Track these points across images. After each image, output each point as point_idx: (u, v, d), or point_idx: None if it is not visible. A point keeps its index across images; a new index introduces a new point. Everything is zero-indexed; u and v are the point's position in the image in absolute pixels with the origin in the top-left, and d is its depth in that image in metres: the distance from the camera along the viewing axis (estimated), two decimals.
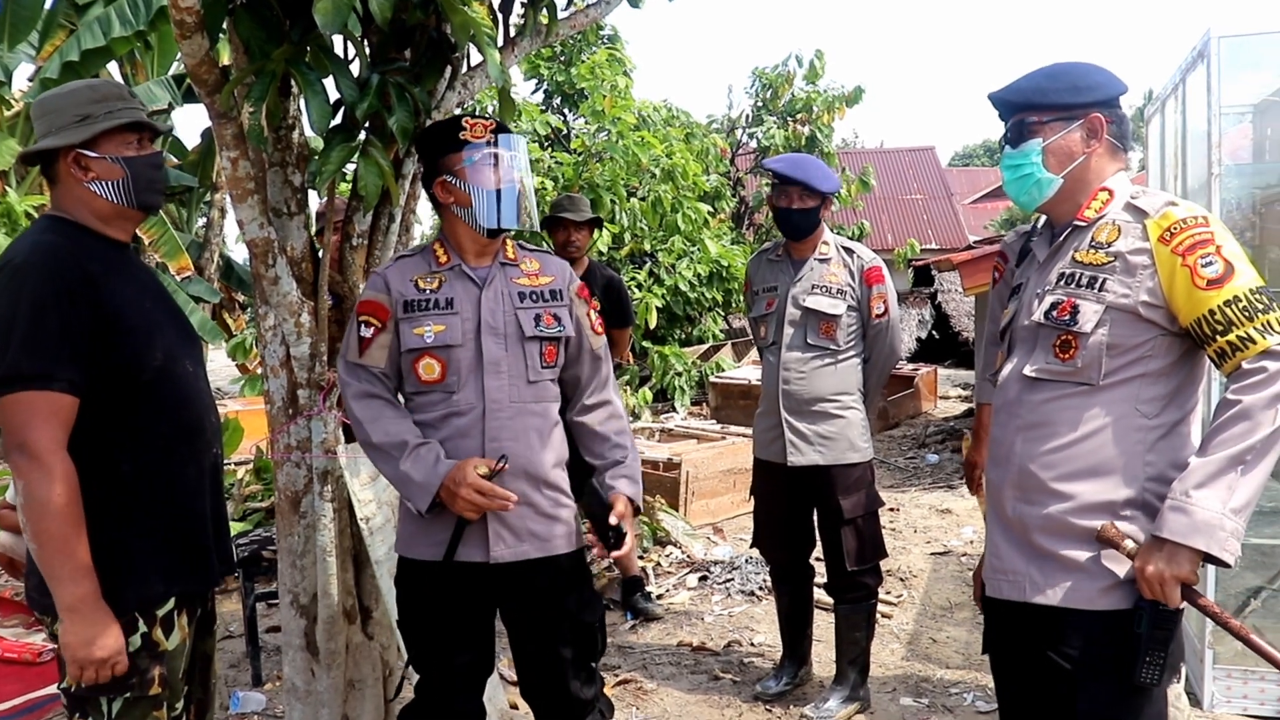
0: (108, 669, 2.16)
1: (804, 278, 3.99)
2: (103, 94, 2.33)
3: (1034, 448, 2.20)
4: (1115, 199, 2.22)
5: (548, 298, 2.76)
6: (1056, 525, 2.16)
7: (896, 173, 30.30)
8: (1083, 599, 2.12)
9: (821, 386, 3.95)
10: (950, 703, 4.17)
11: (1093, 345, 2.12)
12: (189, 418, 2.38)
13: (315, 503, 3.18)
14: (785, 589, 4.26)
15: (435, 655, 2.74)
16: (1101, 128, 2.24)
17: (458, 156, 2.65)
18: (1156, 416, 2.12)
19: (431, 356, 2.63)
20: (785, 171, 3.92)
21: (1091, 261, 2.17)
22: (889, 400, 11.84)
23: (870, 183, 15.87)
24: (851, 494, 3.97)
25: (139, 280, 2.37)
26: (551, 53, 14.09)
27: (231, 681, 4.50)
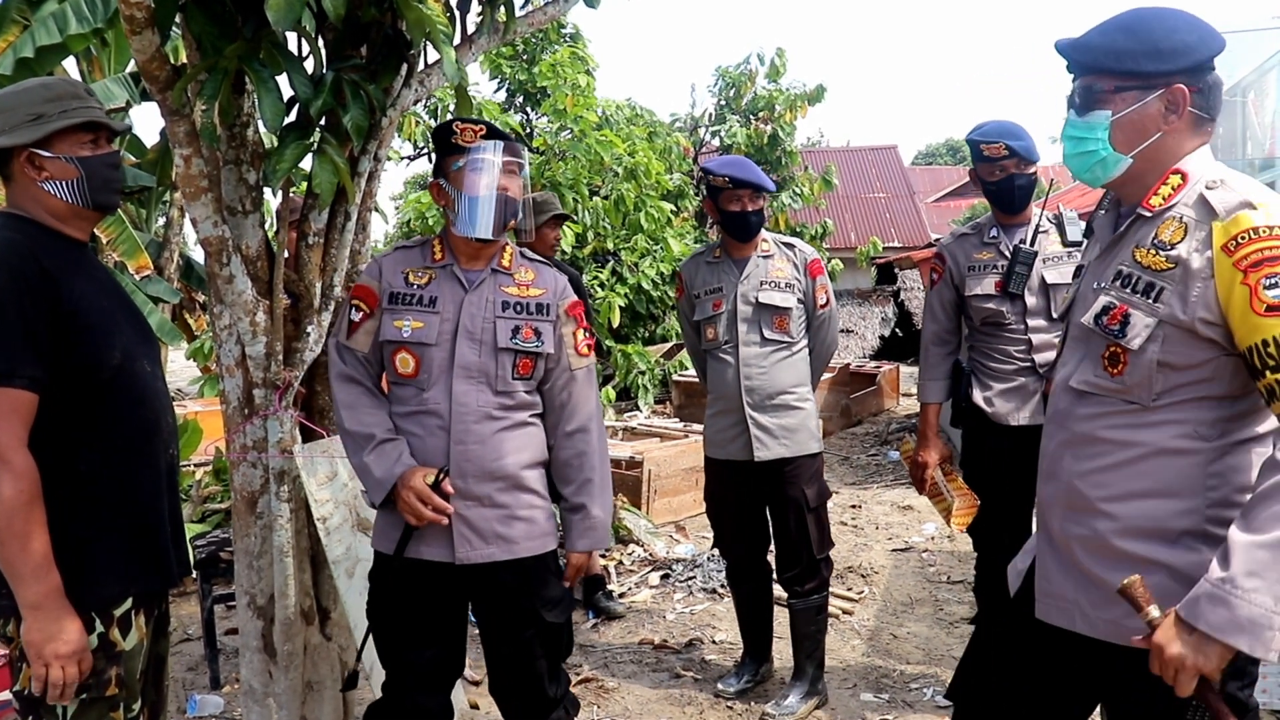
0: (73, 665, 2.15)
1: (751, 275, 4.01)
2: (57, 92, 2.29)
3: (1083, 465, 1.97)
4: (1189, 185, 1.89)
5: (532, 310, 2.76)
6: (1103, 547, 1.93)
7: (860, 171, 30.44)
8: (1129, 634, 1.85)
9: (782, 379, 3.97)
10: (910, 698, 4.19)
11: (1143, 363, 1.86)
12: (146, 417, 2.36)
13: (272, 503, 3.15)
14: (745, 587, 4.27)
15: (401, 651, 2.75)
16: (1185, 101, 1.90)
17: (451, 160, 2.70)
18: (1219, 439, 1.85)
19: (406, 351, 2.69)
20: (739, 175, 3.89)
21: (1151, 264, 1.87)
22: (852, 398, 11.91)
23: (833, 181, 15.94)
24: (814, 483, 4.02)
25: (97, 279, 2.34)
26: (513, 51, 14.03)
27: (189, 685, 4.45)
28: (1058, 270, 3.72)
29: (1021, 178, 3.75)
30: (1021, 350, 3.74)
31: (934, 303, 4.01)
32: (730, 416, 4.02)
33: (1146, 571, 1.85)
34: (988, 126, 3.77)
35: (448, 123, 2.72)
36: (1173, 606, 1.75)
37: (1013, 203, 3.80)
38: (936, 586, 5.71)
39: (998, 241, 3.84)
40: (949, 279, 3.94)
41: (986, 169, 3.79)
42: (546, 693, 2.82)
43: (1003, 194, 3.79)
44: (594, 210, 11.46)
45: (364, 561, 3.28)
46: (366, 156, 3.18)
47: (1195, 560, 1.82)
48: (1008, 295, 3.74)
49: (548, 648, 2.80)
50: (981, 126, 3.79)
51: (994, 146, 3.70)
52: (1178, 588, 1.81)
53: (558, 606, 2.81)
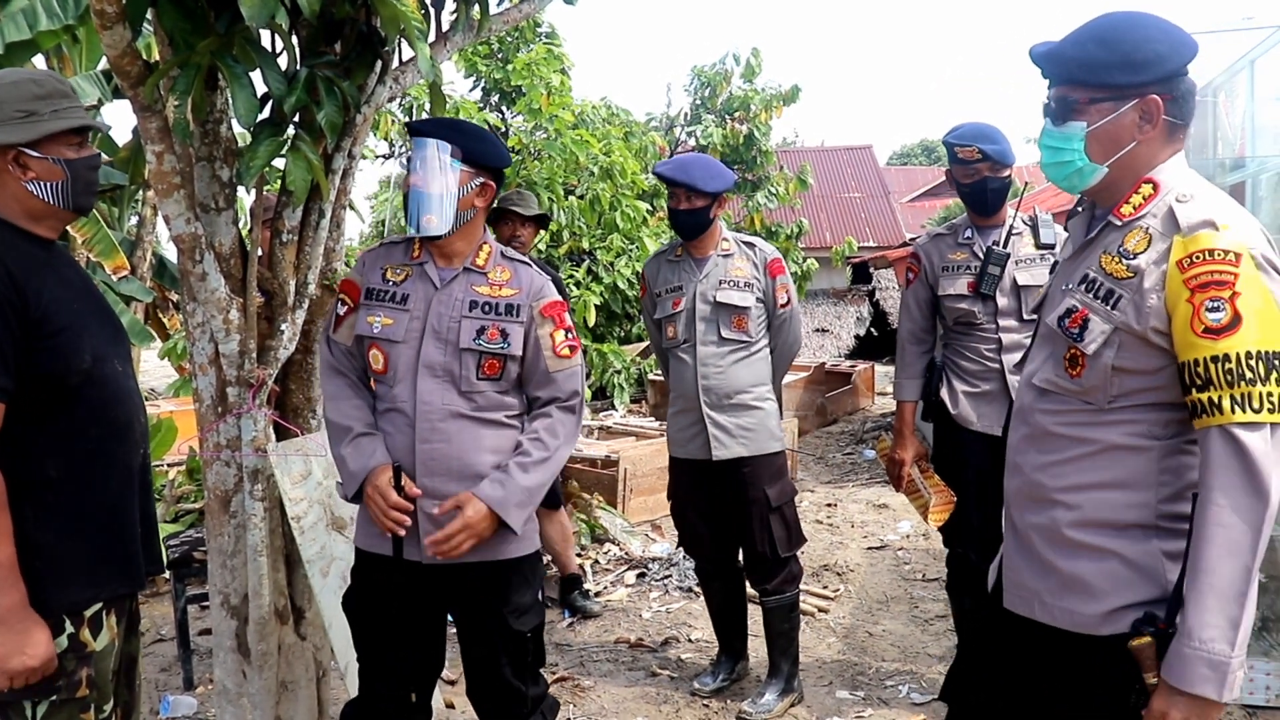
0: (38, 676, 2.12)
1: (710, 274, 4.02)
2: (48, 90, 2.24)
3: (1042, 458, 2.01)
4: (1159, 195, 1.91)
5: (501, 311, 2.73)
6: (1059, 537, 1.97)
7: (835, 171, 30.57)
8: (1084, 623, 1.93)
9: (739, 379, 3.98)
10: (886, 695, 4.21)
11: (1099, 367, 1.89)
12: (118, 418, 2.33)
13: (246, 502, 3.13)
14: (716, 586, 4.27)
15: (379, 650, 2.75)
16: (1159, 110, 1.91)
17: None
18: (1171, 438, 1.88)
19: (377, 348, 2.73)
20: (669, 174, 3.94)
21: (1113, 271, 1.90)
22: (827, 397, 11.94)
23: (808, 181, 15.95)
24: (775, 482, 4.03)
25: (66, 278, 2.30)
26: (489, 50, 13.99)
27: (163, 685, 4.42)
28: (1029, 272, 3.75)
29: (995, 180, 3.77)
30: (992, 349, 3.77)
31: (909, 301, 4.04)
32: (689, 415, 4.03)
33: (1099, 559, 1.92)
34: (963, 129, 3.79)
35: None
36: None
37: (986, 205, 3.83)
38: (911, 584, 5.74)
39: (972, 242, 3.87)
40: (924, 278, 3.97)
41: (961, 171, 3.81)
42: (519, 696, 2.81)
43: (976, 196, 3.82)
44: (569, 209, 11.43)
45: (339, 560, 3.27)
46: (341, 153, 3.16)
47: (1144, 549, 1.88)
48: (980, 296, 3.77)
49: (513, 655, 2.77)
50: (957, 129, 3.81)
51: (968, 150, 3.72)
52: (1129, 574, 1.89)
53: (526, 614, 2.78)
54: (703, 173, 3.94)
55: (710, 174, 3.95)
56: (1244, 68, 4.41)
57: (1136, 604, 1.87)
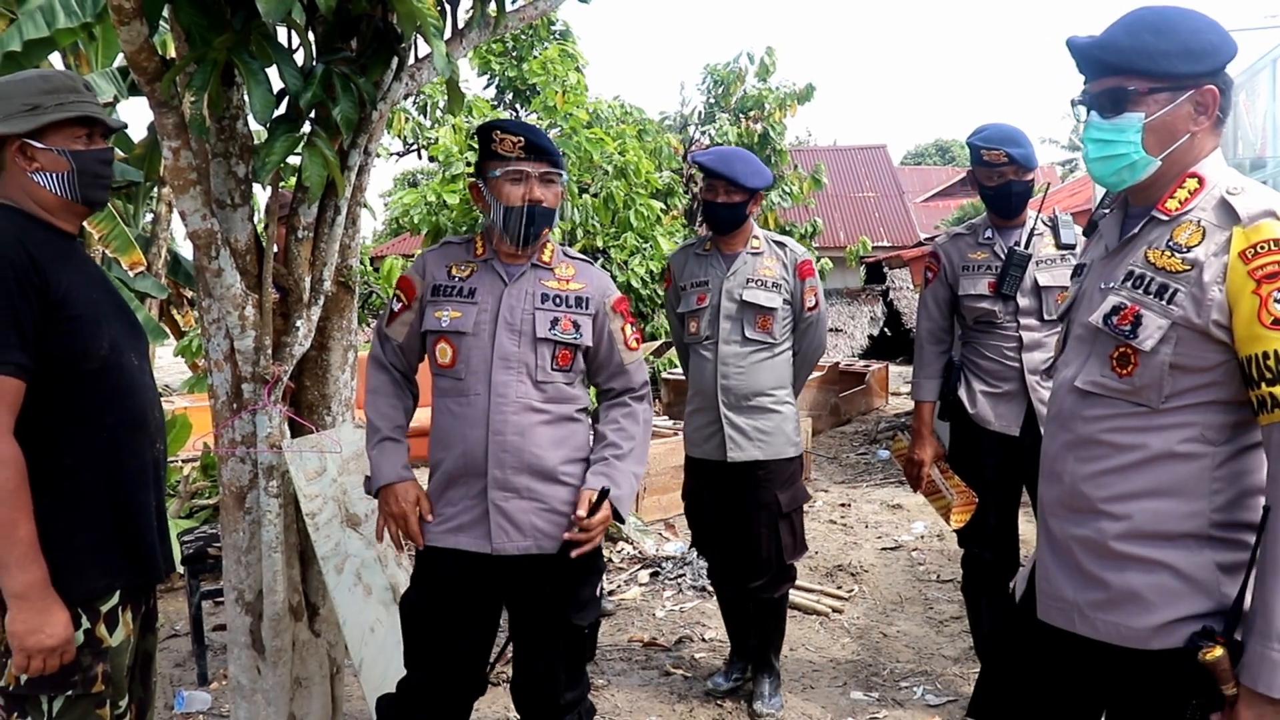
0: (55, 658, 2.13)
1: (738, 271, 3.96)
2: (55, 84, 2.29)
3: (1086, 467, 1.94)
4: (1205, 189, 1.87)
5: (572, 304, 2.81)
6: (1104, 549, 1.90)
7: (849, 171, 30.54)
8: (1134, 637, 1.87)
9: (760, 381, 3.92)
10: (900, 697, 4.19)
11: (1154, 364, 1.83)
12: (133, 410, 2.34)
13: (260, 498, 3.14)
14: (729, 587, 4.21)
15: (437, 646, 2.74)
16: (1215, 102, 1.88)
17: (490, 165, 2.76)
18: (1226, 443, 1.83)
19: (445, 341, 2.75)
20: (712, 166, 3.86)
21: (1165, 266, 1.84)
22: (841, 396, 11.92)
23: (822, 180, 15.92)
24: (787, 488, 3.97)
25: (85, 271, 2.33)
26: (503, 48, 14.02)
27: (177, 681, 4.43)
28: (1050, 273, 3.72)
29: (1019, 184, 3.74)
30: (1012, 348, 3.73)
31: (928, 301, 4.01)
32: (706, 415, 3.98)
33: (1148, 571, 1.85)
34: (989, 131, 3.76)
35: (489, 125, 2.75)
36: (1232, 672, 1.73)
37: (1009, 208, 3.79)
38: (926, 585, 5.71)
39: (992, 243, 3.84)
40: (943, 277, 3.93)
41: (985, 173, 3.77)
42: (562, 695, 2.82)
43: (999, 199, 3.79)
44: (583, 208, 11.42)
45: (353, 557, 3.27)
46: (356, 150, 3.16)
47: (1197, 561, 1.82)
48: (1000, 296, 3.74)
49: (570, 651, 2.80)
50: (983, 130, 3.77)
51: (994, 153, 3.68)
52: (1182, 587, 1.82)
53: (586, 609, 2.80)
54: (745, 167, 3.87)
55: (752, 169, 3.89)
56: (1265, 66, 4.38)
57: (1190, 617, 1.81)
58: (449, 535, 2.71)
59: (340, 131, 2.95)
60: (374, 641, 3.24)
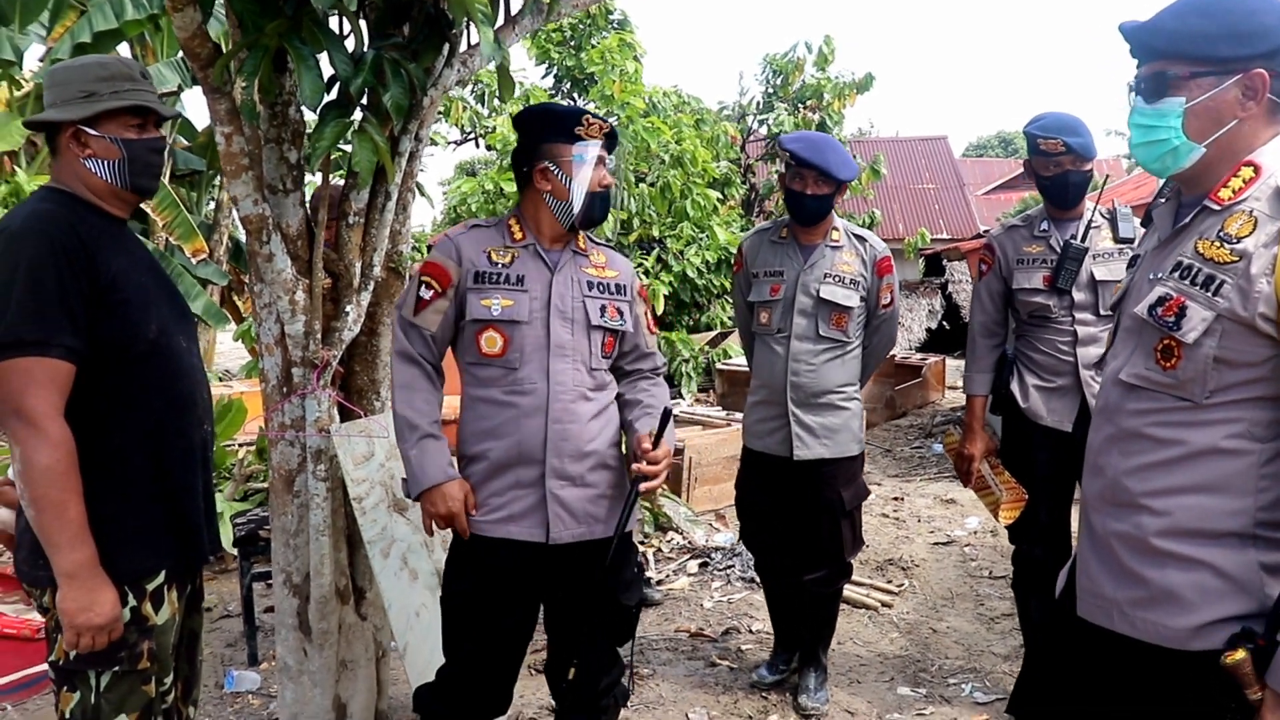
0: (104, 635, 2.16)
1: (816, 265, 3.83)
2: (111, 72, 2.31)
3: (1129, 461, 1.88)
4: (1262, 178, 1.78)
5: (613, 290, 2.82)
6: (1144, 545, 1.84)
7: (909, 162, 30.21)
8: (1173, 637, 1.80)
9: (830, 379, 3.83)
10: (948, 693, 4.14)
11: (1198, 357, 1.77)
12: (181, 392, 2.37)
13: (309, 482, 3.17)
14: (776, 580, 4.17)
15: (481, 632, 2.73)
16: (1264, 87, 1.78)
17: (567, 149, 2.70)
18: (1274, 440, 1.75)
19: (495, 330, 2.67)
20: (803, 154, 3.69)
21: (1214, 256, 1.77)
22: (896, 390, 11.80)
23: (881, 171, 15.80)
24: (850, 485, 3.91)
25: (135, 255, 2.35)
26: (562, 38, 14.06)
27: (228, 661, 4.49)
28: (1107, 267, 3.62)
29: (1077, 174, 3.64)
30: (1067, 343, 3.65)
31: (982, 294, 3.93)
32: (772, 409, 3.89)
33: (1189, 570, 1.79)
34: (1046, 120, 3.67)
35: (565, 110, 2.74)
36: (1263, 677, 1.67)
37: (1066, 199, 3.70)
38: (978, 581, 5.64)
39: (1048, 235, 3.74)
40: (998, 270, 3.85)
41: (1042, 163, 3.68)
42: (601, 678, 2.83)
43: (1056, 189, 3.69)
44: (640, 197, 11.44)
45: (399, 542, 3.29)
46: (407, 136, 3.17)
47: (1240, 560, 1.76)
48: (1055, 290, 3.65)
49: (617, 630, 2.82)
50: (1040, 119, 3.69)
51: (1051, 142, 3.59)
52: (1223, 586, 1.76)
53: (630, 588, 2.81)
54: (836, 157, 3.71)
55: (842, 159, 3.74)
56: None
57: (1231, 618, 1.74)
58: (499, 525, 2.67)
59: (391, 118, 2.96)
60: (419, 626, 3.26)
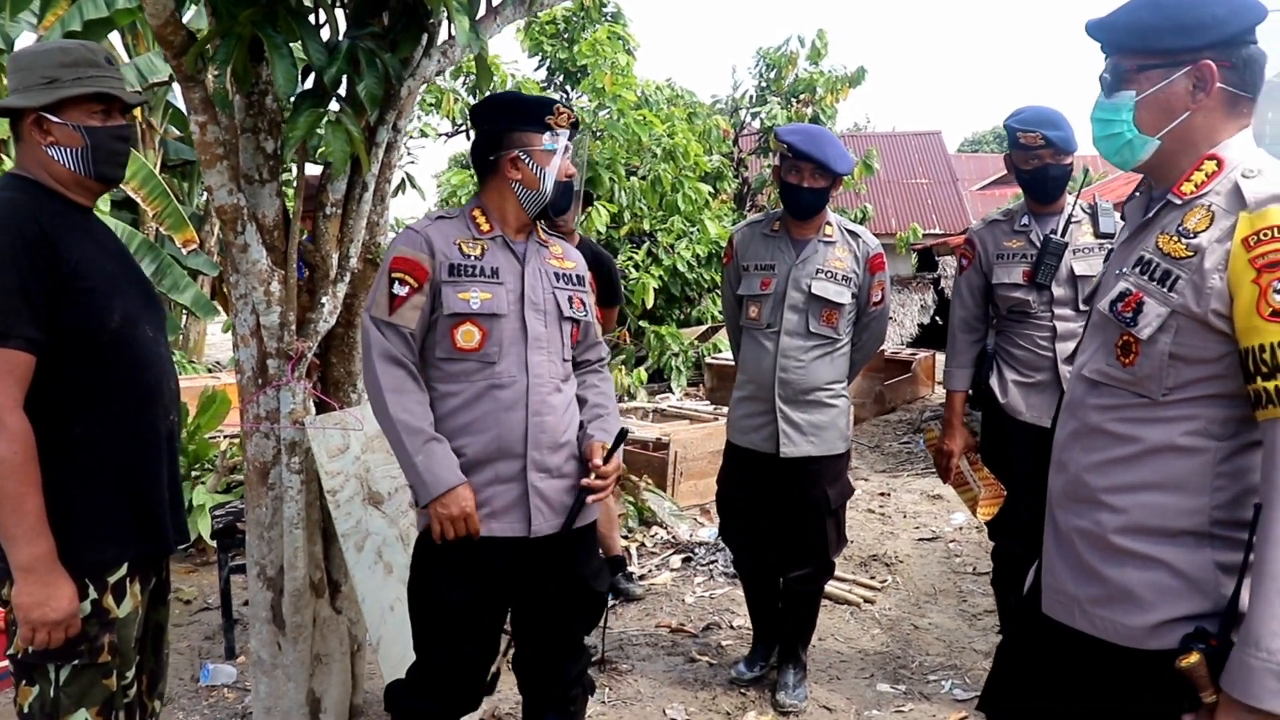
0: (60, 631, 2.14)
1: (808, 260, 3.79)
2: (74, 58, 2.28)
3: (1090, 456, 1.88)
4: (1224, 172, 1.77)
5: (575, 281, 2.83)
6: (1103, 542, 1.84)
7: (902, 157, 30.20)
8: (1130, 636, 1.80)
9: (819, 376, 3.80)
10: (928, 690, 4.13)
11: (1154, 354, 1.76)
12: (147, 382, 2.35)
13: (283, 474, 3.15)
14: (755, 576, 4.15)
15: (456, 629, 2.68)
16: (1212, 77, 1.78)
17: (538, 138, 2.68)
18: (1229, 438, 1.74)
19: (473, 324, 2.62)
20: (801, 146, 3.65)
21: (1171, 251, 1.76)
22: (886, 385, 11.79)
23: (874, 166, 15.78)
24: (836, 483, 3.89)
25: (100, 243, 2.33)
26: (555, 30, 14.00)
27: (206, 654, 4.47)
28: (1087, 262, 3.61)
29: (1056, 168, 3.64)
30: (1046, 338, 3.64)
31: (962, 288, 3.92)
32: (759, 404, 3.86)
33: (1146, 568, 1.79)
34: (1026, 113, 3.67)
35: (535, 99, 2.73)
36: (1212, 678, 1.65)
37: (1046, 192, 3.70)
38: (961, 577, 5.63)
39: (1028, 230, 3.74)
40: (978, 265, 3.85)
41: (1022, 156, 3.68)
42: (570, 667, 2.84)
43: (1036, 183, 3.69)
44: (631, 190, 11.41)
45: (374, 535, 3.27)
46: (385, 126, 3.15)
47: (1196, 559, 1.75)
48: (1035, 285, 3.65)
49: (589, 618, 2.87)
50: (1020, 113, 3.68)
51: (1030, 135, 3.59)
52: (1179, 585, 1.76)
53: (599, 575, 2.85)
54: (834, 150, 3.68)
55: (839, 153, 3.70)
56: None
57: (1186, 618, 1.74)
58: (482, 523, 2.61)
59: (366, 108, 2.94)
60: (393, 620, 3.24)
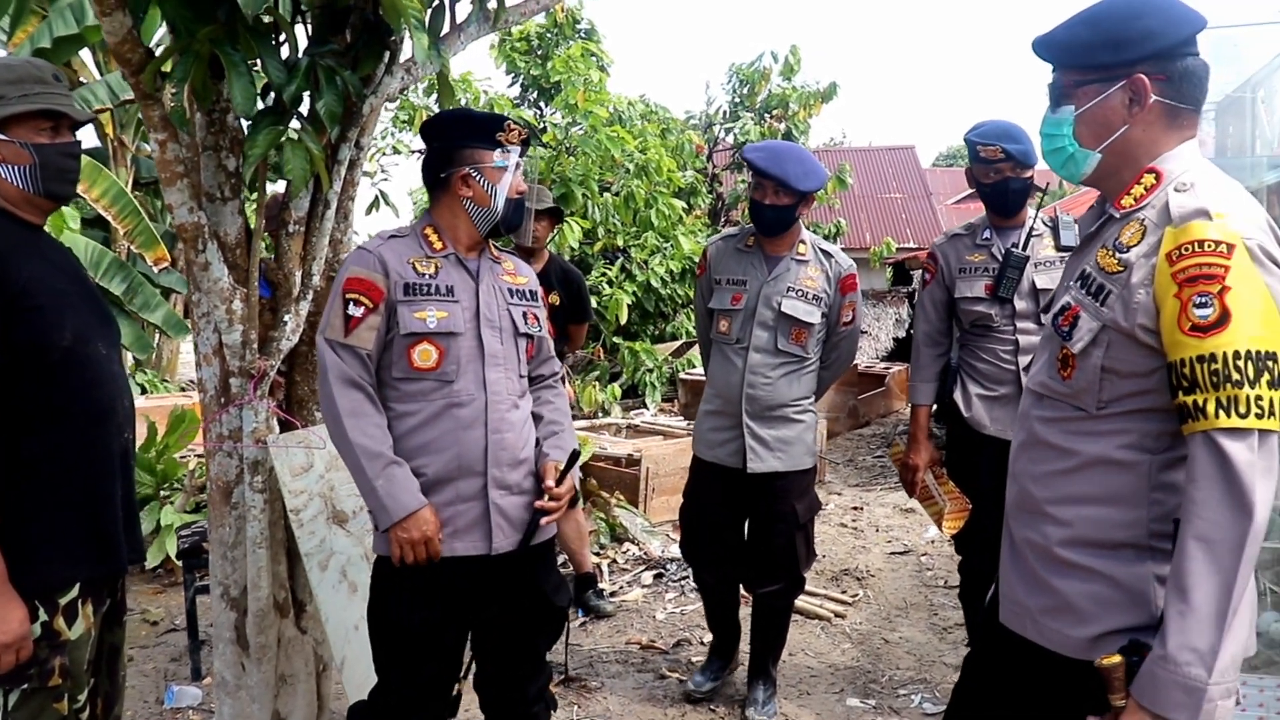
0: (11, 654, 2.11)
1: (779, 277, 3.80)
2: (19, 75, 2.26)
3: (1035, 468, 1.91)
4: (1162, 185, 1.79)
5: (528, 297, 2.83)
6: (1050, 554, 1.87)
7: (876, 172, 30.32)
8: (1073, 646, 1.82)
9: (786, 393, 3.80)
10: (898, 704, 4.13)
11: (1088, 368, 1.79)
12: (99, 400, 2.32)
13: (246, 493, 3.12)
14: (720, 592, 4.15)
15: (420, 651, 2.65)
16: (1146, 91, 1.80)
17: (488, 154, 2.67)
18: (1164, 451, 1.75)
19: (430, 343, 2.60)
20: (761, 164, 3.67)
21: (1105, 266, 1.79)
22: (859, 399, 11.83)
23: (847, 181, 15.83)
24: (804, 498, 3.89)
25: (51, 260, 2.31)
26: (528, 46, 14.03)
27: (172, 675, 4.42)
28: (1049, 275, 3.63)
29: (1017, 181, 3.67)
30: (1008, 351, 3.66)
31: (926, 302, 3.94)
32: (725, 419, 3.86)
33: (1087, 580, 1.81)
34: (986, 127, 3.69)
35: (486, 116, 2.70)
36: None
37: (1006, 206, 3.72)
38: (932, 591, 5.64)
39: (990, 244, 3.77)
40: (940, 279, 3.86)
41: (982, 170, 3.70)
42: (532, 685, 2.82)
43: (996, 196, 3.72)
44: (604, 206, 11.40)
45: (338, 554, 3.25)
46: (347, 144, 3.14)
47: (1135, 572, 1.77)
48: (997, 299, 3.66)
49: (550, 634, 2.84)
50: (980, 126, 3.70)
51: (991, 149, 3.61)
52: (1118, 598, 1.78)
53: (559, 591, 2.84)
54: (797, 168, 3.67)
55: (805, 170, 3.69)
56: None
57: (1124, 630, 1.75)
58: (445, 544, 2.60)
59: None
60: (357, 639, 3.21)
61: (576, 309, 5.09)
